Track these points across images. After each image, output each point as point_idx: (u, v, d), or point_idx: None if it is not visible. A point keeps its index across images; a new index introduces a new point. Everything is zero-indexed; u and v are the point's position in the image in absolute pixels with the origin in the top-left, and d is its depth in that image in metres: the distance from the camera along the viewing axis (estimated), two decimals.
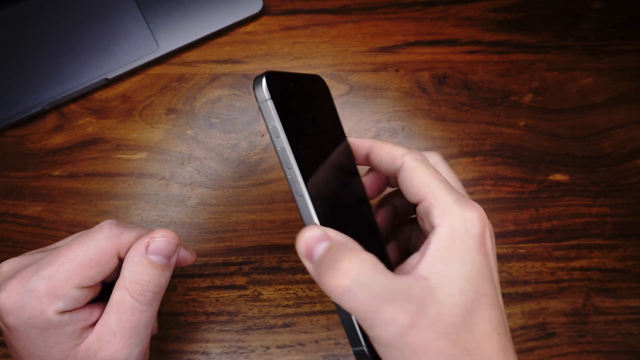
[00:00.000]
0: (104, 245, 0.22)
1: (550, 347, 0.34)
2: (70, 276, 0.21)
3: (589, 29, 0.41)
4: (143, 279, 0.22)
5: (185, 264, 0.26)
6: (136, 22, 0.38)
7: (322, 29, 0.40)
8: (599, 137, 0.38)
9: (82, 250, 0.22)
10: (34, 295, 0.21)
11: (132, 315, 0.22)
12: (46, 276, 0.21)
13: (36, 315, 0.21)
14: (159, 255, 0.23)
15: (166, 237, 0.23)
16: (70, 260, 0.21)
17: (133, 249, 0.23)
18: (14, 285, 0.21)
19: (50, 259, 0.21)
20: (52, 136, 0.37)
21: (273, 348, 0.33)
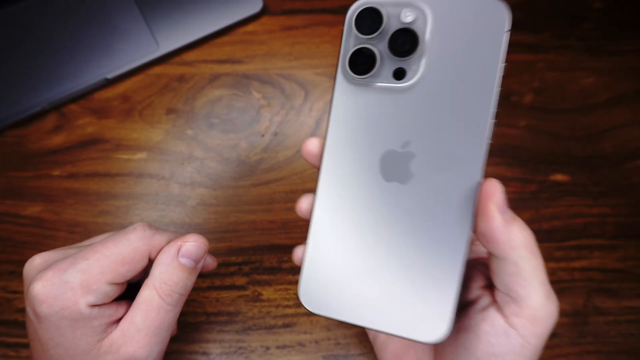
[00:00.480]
0: (138, 245, 0.23)
1: (551, 347, 0.34)
2: (105, 271, 0.22)
3: (590, 29, 0.41)
4: (172, 279, 0.23)
5: (207, 269, 0.27)
6: (136, 22, 0.38)
7: (322, 29, 0.40)
8: (599, 137, 0.38)
9: (117, 248, 0.23)
10: (69, 286, 0.21)
11: (157, 314, 0.23)
12: (82, 269, 0.22)
13: (69, 306, 0.21)
14: (188, 258, 0.24)
15: (197, 241, 0.24)
16: (106, 257, 0.22)
17: (165, 251, 0.24)
18: (50, 276, 0.21)
19: (87, 253, 0.22)
20: (51, 136, 0.37)
21: (273, 348, 0.33)
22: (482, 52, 0.19)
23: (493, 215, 0.19)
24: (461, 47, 0.19)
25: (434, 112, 0.20)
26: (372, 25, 0.20)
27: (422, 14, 0.19)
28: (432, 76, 0.20)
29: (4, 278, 0.34)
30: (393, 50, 0.20)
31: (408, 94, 0.20)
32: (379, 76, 0.20)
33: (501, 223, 0.19)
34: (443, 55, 0.19)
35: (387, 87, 0.20)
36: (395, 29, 0.20)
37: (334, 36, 0.40)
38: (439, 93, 0.20)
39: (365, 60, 0.20)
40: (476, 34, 0.19)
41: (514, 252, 0.20)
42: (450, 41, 0.19)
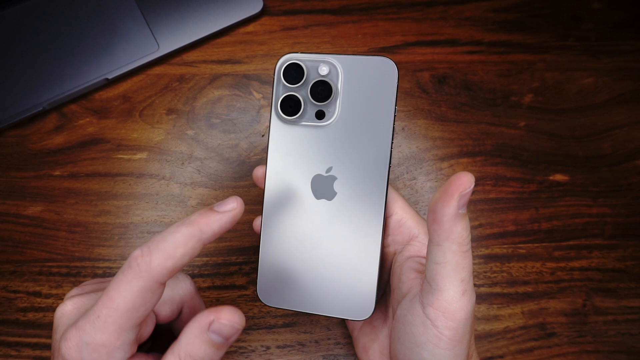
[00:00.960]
0: (140, 285, 0.21)
1: (550, 347, 0.34)
2: (121, 324, 0.21)
3: (589, 29, 0.41)
4: (198, 354, 0.22)
5: None
6: (137, 22, 0.38)
7: (322, 29, 0.40)
8: (599, 137, 0.39)
9: (121, 298, 0.21)
10: (92, 348, 0.21)
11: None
12: (99, 329, 0.21)
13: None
14: (219, 335, 0.22)
15: (231, 321, 0.22)
16: (114, 310, 0.21)
17: (196, 320, 0.22)
18: (73, 336, 0.21)
19: (98, 310, 0.21)
20: (52, 136, 0.37)
21: (273, 348, 0.33)
22: (381, 98, 0.25)
23: (451, 203, 0.21)
24: (365, 94, 0.26)
25: (349, 143, 0.26)
26: (296, 77, 0.26)
27: (335, 69, 0.25)
28: (345, 116, 0.26)
29: (4, 278, 0.34)
30: (313, 97, 0.25)
31: (328, 129, 0.26)
32: (304, 117, 0.26)
33: (453, 212, 0.21)
34: (352, 99, 0.26)
35: (310, 125, 0.26)
36: (315, 80, 0.25)
37: (333, 36, 0.40)
38: (351, 128, 0.26)
39: (293, 105, 0.26)
40: (375, 84, 0.25)
41: (447, 243, 0.21)
42: (357, 89, 0.26)
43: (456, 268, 0.21)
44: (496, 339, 0.34)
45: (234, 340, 0.23)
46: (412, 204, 0.36)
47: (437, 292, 0.21)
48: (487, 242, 0.36)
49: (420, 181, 0.37)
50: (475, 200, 0.37)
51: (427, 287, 0.22)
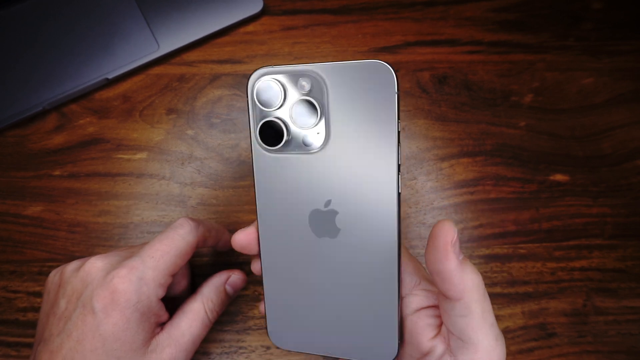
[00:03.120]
0: (189, 239, 0.26)
1: (551, 347, 0.34)
2: (169, 266, 0.25)
3: (589, 29, 0.41)
4: (218, 299, 0.28)
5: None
6: (137, 22, 0.38)
7: (322, 29, 0.40)
8: (599, 137, 0.39)
9: (174, 244, 0.25)
10: (144, 282, 0.24)
11: (200, 325, 0.26)
12: (152, 267, 0.24)
13: (144, 300, 0.24)
14: (233, 287, 0.29)
15: (241, 277, 0.30)
16: (166, 253, 0.25)
17: (217, 275, 0.29)
18: (126, 273, 0.24)
19: (151, 252, 0.25)
20: (52, 136, 0.37)
21: (273, 348, 0.33)
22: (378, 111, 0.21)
23: (450, 257, 0.20)
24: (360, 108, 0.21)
25: (346, 170, 0.21)
26: (273, 97, 0.21)
27: (319, 82, 0.20)
28: (338, 138, 0.21)
29: (4, 278, 0.34)
30: (296, 121, 0.21)
31: (320, 156, 0.21)
32: (290, 145, 0.22)
33: (456, 264, 0.20)
34: (344, 117, 0.21)
35: (299, 153, 0.22)
36: (295, 100, 0.21)
37: (334, 36, 0.40)
38: (347, 152, 0.21)
39: (273, 133, 0.21)
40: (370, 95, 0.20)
41: (466, 294, 0.20)
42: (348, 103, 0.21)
43: (483, 315, 0.21)
44: None
45: (235, 296, 0.30)
46: (413, 204, 0.36)
47: (471, 346, 0.21)
48: (488, 242, 0.36)
49: (421, 181, 0.37)
50: (476, 200, 0.37)
51: (458, 343, 0.21)
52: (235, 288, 0.29)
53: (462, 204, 0.37)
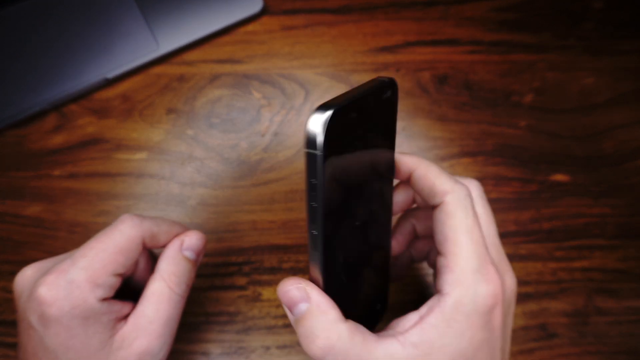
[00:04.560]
0: (130, 233, 0.24)
1: (551, 347, 0.34)
2: (106, 264, 0.23)
3: (590, 29, 0.41)
4: (179, 270, 0.25)
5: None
6: (136, 21, 0.38)
7: (322, 29, 0.40)
8: (600, 137, 0.38)
9: (111, 241, 0.23)
10: (75, 285, 0.22)
11: (169, 305, 0.24)
12: (84, 267, 0.22)
13: (79, 304, 0.22)
14: (191, 251, 0.26)
15: (197, 236, 0.27)
16: (103, 250, 0.23)
17: (169, 246, 0.26)
18: (53, 279, 0.22)
19: (84, 251, 0.23)
20: (52, 136, 0.37)
21: (273, 348, 0.33)
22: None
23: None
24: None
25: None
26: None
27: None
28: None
29: (4, 278, 0.34)
30: None
31: None
32: None
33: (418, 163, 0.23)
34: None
35: None
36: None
37: (334, 36, 0.40)
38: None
39: None
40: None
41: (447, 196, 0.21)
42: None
43: (466, 221, 0.21)
44: None
45: (202, 257, 0.27)
46: None
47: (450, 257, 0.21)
48: None
49: None
50: None
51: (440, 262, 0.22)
52: (195, 250, 0.26)
53: None
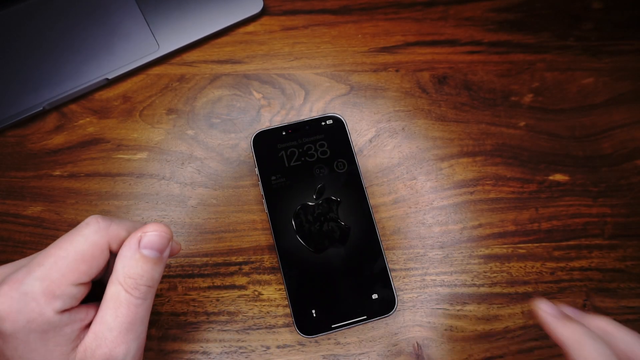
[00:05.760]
0: (94, 239, 0.22)
1: (550, 347, 0.34)
2: (65, 273, 0.21)
3: (590, 29, 0.41)
4: (137, 272, 0.22)
5: (174, 254, 0.26)
6: (137, 22, 0.38)
7: (322, 29, 0.40)
8: (599, 137, 0.39)
9: (72, 247, 0.21)
10: (31, 297, 0.20)
11: (127, 310, 0.22)
12: (40, 277, 0.20)
13: (35, 318, 0.20)
14: (151, 249, 0.23)
15: (158, 231, 0.23)
16: (62, 258, 0.21)
17: (125, 244, 0.22)
18: (6, 291, 0.20)
19: (40, 259, 0.21)
20: (52, 136, 0.37)
21: (273, 348, 0.33)
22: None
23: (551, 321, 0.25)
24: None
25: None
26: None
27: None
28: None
29: None
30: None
31: None
32: None
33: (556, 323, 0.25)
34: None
35: None
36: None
37: (334, 36, 0.40)
38: None
39: None
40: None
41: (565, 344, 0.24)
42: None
43: None
44: (496, 339, 0.34)
45: (167, 255, 0.24)
46: (412, 204, 0.36)
47: None
48: (487, 242, 0.36)
49: (420, 181, 0.37)
50: (475, 200, 0.37)
51: None
52: (157, 248, 0.23)
53: (461, 204, 0.37)
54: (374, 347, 0.33)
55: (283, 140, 0.34)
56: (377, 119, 0.38)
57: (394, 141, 0.38)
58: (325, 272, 0.32)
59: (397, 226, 0.36)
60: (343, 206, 0.33)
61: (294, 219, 0.33)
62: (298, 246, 0.32)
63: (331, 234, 0.33)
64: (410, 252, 0.35)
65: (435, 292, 0.35)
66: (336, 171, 0.34)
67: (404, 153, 0.37)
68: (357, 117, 0.38)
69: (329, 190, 0.34)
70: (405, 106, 0.38)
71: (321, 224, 0.33)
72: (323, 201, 0.33)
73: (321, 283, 0.32)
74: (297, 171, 0.34)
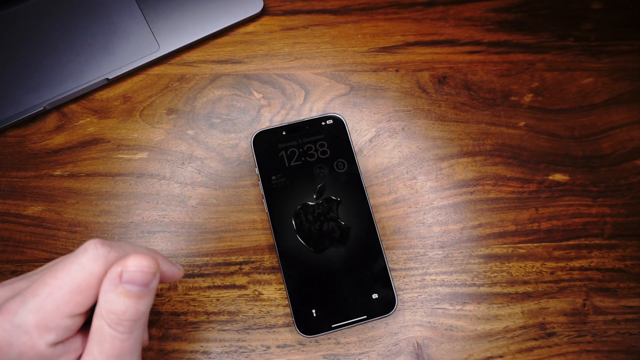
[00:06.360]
0: (92, 268, 0.20)
1: (550, 346, 0.34)
2: (60, 305, 0.20)
3: (589, 29, 0.41)
4: (118, 308, 0.20)
5: (174, 279, 0.25)
6: (137, 22, 0.38)
7: (322, 29, 0.40)
8: (598, 137, 0.39)
9: (68, 277, 0.20)
10: (23, 330, 0.19)
11: (112, 345, 0.21)
12: (34, 309, 0.19)
13: (27, 351, 0.19)
14: (133, 284, 0.21)
15: (139, 266, 0.20)
16: (58, 289, 0.20)
17: (107, 276, 0.21)
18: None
19: (36, 288, 0.20)
20: (52, 136, 0.37)
21: (273, 347, 0.33)
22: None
23: None
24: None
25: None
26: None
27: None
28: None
29: (5, 278, 0.34)
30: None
31: None
32: None
33: None
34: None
35: None
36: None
37: (334, 36, 0.40)
38: None
39: None
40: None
41: None
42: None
43: None
44: (496, 339, 0.34)
45: (155, 286, 0.22)
46: (412, 204, 0.36)
47: None
48: (487, 241, 0.36)
49: (420, 181, 0.37)
50: (475, 200, 0.37)
51: None
52: (137, 283, 0.20)
53: (461, 203, 0.37)
54: (374, 346, 0.33)
55: (283, 140, 0.35)
56: (377, 119, 0.38)
57: (394, 141, 0.38)
58: (325, 272, 0.32)
59: (397, 226, 0.36)
60: (343, 206, 0.33)
61: (294, 218, 0.33)
62: (298, 246, 0.32)
63: (331, 234, 0.33)
64: (410, 251, 0.35)
65: (435, 292, 0.35)
66: (336, 171, 0.34)
67: (404, 153, 0.37)
68: (357, 117, 0.38)
69: (329, 190, 0.34)
70: (405, 106, 0.38)
71: (321, 224, 0.33)
72: (323, 201, 0.33)
73: (321, 283, 0.32)
74: (297, 171, 0.34)
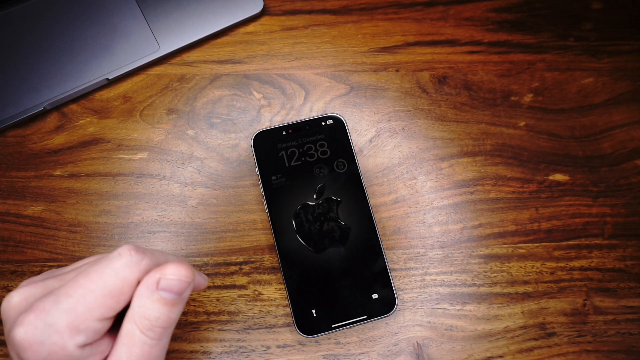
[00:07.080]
0: (125, 274, 0.21)
1: (550, 346, 0.34)
2: (92, 308, 0.20)
3: (589, 29, 0.41)
4: (152, 314, 0.21)
5: (199, 289, 0.26)
6: (137, 22, 0.38)
7: (322, 29, 0.40)
8: (599, 137, 0.39)
9: (102, 281, 0.21)
10: (55, 329, 0.19)
11: (141, 349, 0.21)
12: (66, 309, 0.20)
13: (57, 351, 0.20)
14: (169, 292, 0.21)
15: (177, 275, 0.21)
16: (91, 292, 0.20)
17: (143, 282, 0.21)
18: (32, 320, 0.19)
19: (69, 290, 0.20)
20: (53, 136, 0.37)
21: (273, 347, 0.33)
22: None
23: None
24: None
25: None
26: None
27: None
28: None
29: (5, 278, 0.34)
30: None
31: None
32: None
33: None
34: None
35: None
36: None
37: (334, 36, 0.40)
38: None
39: None
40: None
41: None
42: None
43: None
44: (496, 339, 0.34)
45: (188, 295, 0.23)
46: (413, 204, 0.36)
47: None
48: (487, 241, 0.36)
49: (420, 181, 0.37)
50: (475, 200, 0.37)
51: None
52: (173, 291, 0.21)
53: (461, 203, 0.37)
54: (374, 346, 0.33)
55: (283, 140, 0.35)
56: (377, 119, 0.38)
57: (394, 141, 0.38)
58: (325, 272, 0.32)
59: (397, 226, 0.36)
60: (343, 206, 0.33)
61: (294, 218, 0.33)
62: (298, 246, 0.32)
63: (331, 234, 0.33)
64: (410, 251, 0.35)
65: (435, 292, 0.35)
66: (336, 171, 0.34)
67: (404, 153, 0.37)
68: (357, 117, 0.38)
69: (329, 190, 0.34)
70: (405, 106, 0.38)
71: (321, 224, 0.33)
72: (323, 201, 0.33)
73: (321, 283, 0.32)
74: (298, 171, 0.34)
